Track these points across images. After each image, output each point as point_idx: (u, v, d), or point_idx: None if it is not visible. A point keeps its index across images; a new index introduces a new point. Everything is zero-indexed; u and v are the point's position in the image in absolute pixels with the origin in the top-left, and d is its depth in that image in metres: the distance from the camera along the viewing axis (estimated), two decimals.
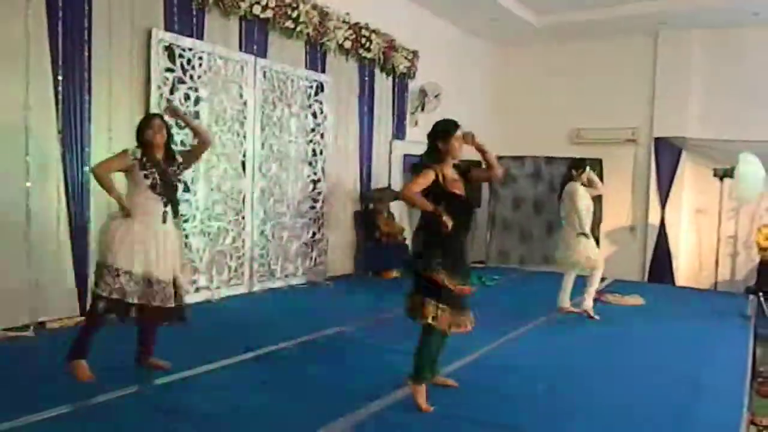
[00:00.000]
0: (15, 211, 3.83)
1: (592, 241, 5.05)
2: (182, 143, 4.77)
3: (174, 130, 4.70)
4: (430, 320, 2.80)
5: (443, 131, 2.91)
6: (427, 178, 2.83)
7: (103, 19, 4.19)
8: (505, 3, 7.32)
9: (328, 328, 4.26)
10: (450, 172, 2.91)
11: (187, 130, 4.80)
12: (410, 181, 2.89)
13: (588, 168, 5.11)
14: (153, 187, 3.05)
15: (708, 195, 7.78)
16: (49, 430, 2.49)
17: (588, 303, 5.00)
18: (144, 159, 3.06)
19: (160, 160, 3.12)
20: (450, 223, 2.76)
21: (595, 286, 5.05)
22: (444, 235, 2.80)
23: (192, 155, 3.40)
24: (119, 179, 3.15)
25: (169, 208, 3.11)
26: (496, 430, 2.66)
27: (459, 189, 2.90)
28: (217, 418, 2.66)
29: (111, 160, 3.16)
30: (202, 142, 3.33)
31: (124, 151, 3.11)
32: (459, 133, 2.90)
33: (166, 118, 3.31)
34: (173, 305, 3.10)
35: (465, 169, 2.98)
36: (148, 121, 3.17)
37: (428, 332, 2.86)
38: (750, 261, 7.75)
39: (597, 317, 4.95)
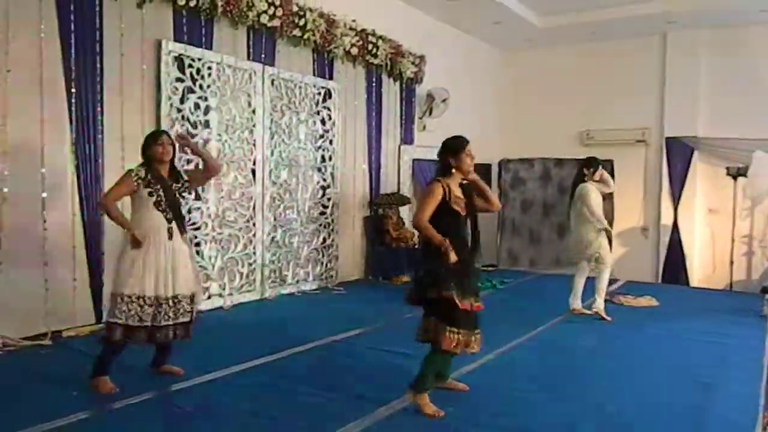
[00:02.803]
0: (31, 222, 3.90)
1: (605, 238, 5.02)
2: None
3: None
4: (451, 348, 2.82)
5: (452, 149, 2.98)
6: (436, 197, 2.88)
7: (114, 33, 4.27)
8: (508, 5, 7.33)
9: (339, 333, 4.27)
10: (456, 189, 2.96)
11: (197, 138, 4.88)
12: (421, 200, 2.92)
13: (600, 166, 5.09)
14: (158, 204, 3.04)
15: (721, 194, 7.70)
16: None
17: (600, 303, 4.97)
18: (148, 176, 3.05)
19: (165, 176, 3.11)
20: (454, 259, 2.78)
21: (604, 285, 5.02)
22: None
23: (199, 178, 3.43)
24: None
25: (174, 225, 3.09)
26: (507, 431, 2.65)
27: (460, 207, 2.93)
28: (231, 424, 2.68)
29: (117, 187, 3.10)
30: (211, 170, 3.36)
31: (128, 173, 3.09)
32: (468, 149, 2.97)
33: (177, 145, 3.30)
34: (185, 320, 3.10)
35: (470, 193, 3.03)
36: (156, 136, 3.15)
37: (439, 352, 2.87)
38: (766, 260, 7.65)
39: (609, 318, 4.91)
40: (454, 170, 2.95)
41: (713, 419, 2.89)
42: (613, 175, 8.08)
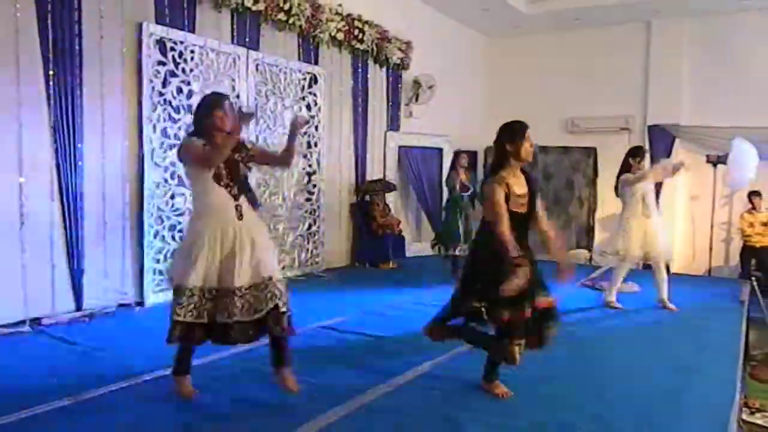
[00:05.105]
0: (8, 207, 3.82)
1: (628, 233, 4.90)
2: (176, 137, 4.77)
3: (171, 126, 4.69)
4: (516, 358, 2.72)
5: (509, 133, 2.74)
6: (503, 199, 2.64)
7: (93, 13, 4.16)
8: None
9: (325, 320, 4.27)
10: (516, 184, 2.71)
11: (180, 122, 4.80)
12: (490, 210, 2.65)
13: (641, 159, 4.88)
14: (218, 177, 2.55)
15: (701, 182, 7.82)
16: (47, 425, 2.50)
17: (611, 295, 4.96)
18: (206, 147, 2.56)
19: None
20: (522, 282, 2.55)
21: (618, 278, 4.99)
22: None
23: (266, 160, 2.97)
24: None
25: (242, 201, 2.63)
26: (495, 416, 2.68)
27: (520, 207, 2.70)
28: (215, 410, 2.67)
29: (195, 146, 2.58)
30: (284, 162, 2.90)
31: (191, 139, 2.63)
32: (528, 135, 2.72)
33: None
34: (263, 313, 2.58)
35: (532, 183, 2.80)
36: (219, 101, 2.65)
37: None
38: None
39: (620, 306, 4.92)
40: (511, 159, 2.70)
41: (692, 401, 2.95)
42: (596, 163, 8.21)
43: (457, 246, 5.93)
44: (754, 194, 7.40)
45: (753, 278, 6.30)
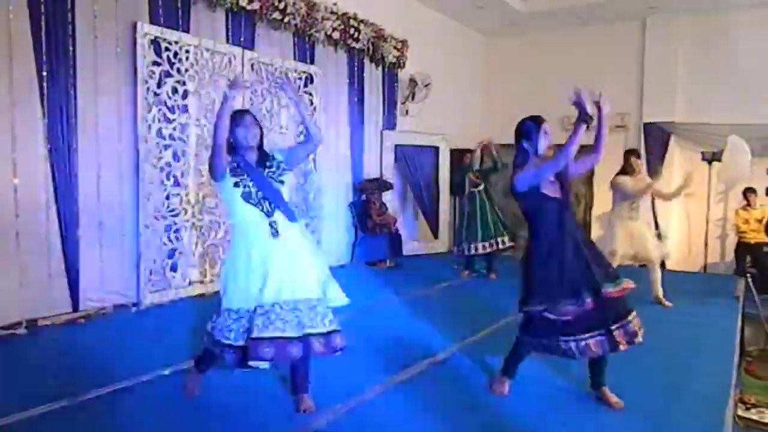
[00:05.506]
0: (3, 209, 3.81)
1: (613, 229, 4.97)
2: (171, 137, 4.76)
3: (162, 125, 4.69)
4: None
5: (525, 131, 2.76)
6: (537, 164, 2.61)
7: (87, 14, 4.15)
8: None
9: None
10: None
11: (176, 123, 4.80)
12: (540, 165, 2.67)
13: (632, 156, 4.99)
14: (247, 196, 2.52)
15: (696, 178, 7.83)
16: (44, 426, 2.50)
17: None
18: (234, 162, 2.54)
19: (252, 163, 2.60)
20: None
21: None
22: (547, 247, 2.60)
23: (295, 155, 2.76)
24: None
25: (277, 217, 2.55)
26: (494, 415, 2.69)
27: (554, 192, 2.67)
28: (219, 408, 2.68)
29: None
30: (311, 139, 2.69)
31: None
32: (544, 128, 2.72)
33: (279, 93, 2.88)
34: (320, 331, 2.59)
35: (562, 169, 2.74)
36: (240, 118, 2.57)
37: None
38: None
39: None
40: (532, 156, 2.69)
41: (687, 397, 2.97)
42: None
43: (476, 244, 5.99)
44: (749, 191, 7.44)
45: (748, 274, 6.34)
